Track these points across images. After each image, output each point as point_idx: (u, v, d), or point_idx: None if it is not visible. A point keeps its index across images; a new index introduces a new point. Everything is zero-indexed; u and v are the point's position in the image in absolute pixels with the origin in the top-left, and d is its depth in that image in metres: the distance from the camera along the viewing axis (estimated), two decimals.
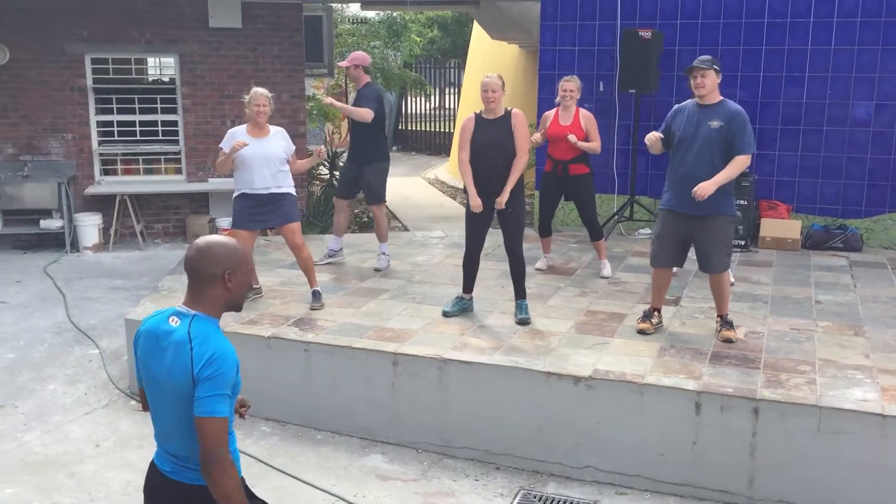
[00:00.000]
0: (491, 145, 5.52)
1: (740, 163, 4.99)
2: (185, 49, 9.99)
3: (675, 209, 5.20)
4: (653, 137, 5.29)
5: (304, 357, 5.28)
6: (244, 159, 5.90)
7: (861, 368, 4.78)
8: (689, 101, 5.27)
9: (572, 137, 6.67)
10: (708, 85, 5.02)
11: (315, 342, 5.27)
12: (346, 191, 7.54)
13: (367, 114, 6.95)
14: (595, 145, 6.80)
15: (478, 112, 5.70)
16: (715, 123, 5.01)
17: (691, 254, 5.37)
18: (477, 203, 5.54)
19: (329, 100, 8.02)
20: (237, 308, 2.64)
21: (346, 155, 8.42)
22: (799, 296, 6.30)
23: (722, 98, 5.14)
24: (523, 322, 5.60)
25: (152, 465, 2.70)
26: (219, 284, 2.54)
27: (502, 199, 5.50)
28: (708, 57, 5.11)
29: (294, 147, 6.16)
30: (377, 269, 7.14)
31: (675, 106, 5.35)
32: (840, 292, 6.42)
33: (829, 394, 4.39)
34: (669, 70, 8.29)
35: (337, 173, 11.13)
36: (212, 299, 2.55)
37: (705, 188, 4.92)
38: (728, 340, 5.20)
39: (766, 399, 4.34)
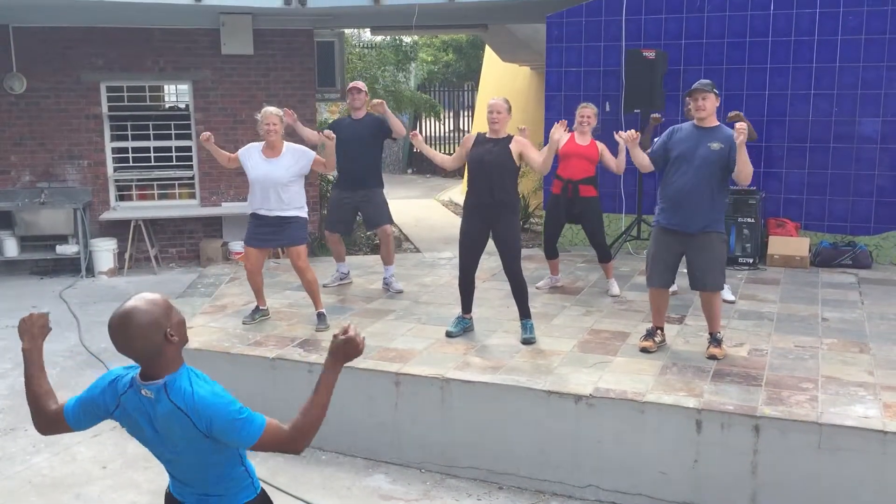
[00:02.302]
0: (487, 163, 5.61)
1: (750, 168, 5.07)
2: (199, 76, 10.17)
3: (668, 227, 5.25)
4: (632, 136, 5.30)
5: (307, 378, 5.32)
6: (253, 181, 6.05)
7: (864, 385, 4.75)
8: (685, 122, 5.37)
9: (621, 140, 6.72)
10: (709, 107, 5.13)
11: (319, 363, 5.32)
12: (343, 225, 7.43)
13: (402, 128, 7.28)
14: (618, 162, 6.93)
15: (481, 132, 5.82)
16: (715, 145, 5.08)
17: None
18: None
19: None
20: (184, 344, 2.49)
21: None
22: (805, 313, 6.28)
23: (719, 123, 5.24)
24: (527, 342, 5.63)
25: (170, 496, 2.65)
26: (165, 347, 2.37)
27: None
28: (708, 81, 5.25)
29: (311, 157, 6.05)
30: (399, 291, 7.14)
31: (672, 126, 5.42)
32: (847, 309, 6.39)
33: (830, 411, 4.37)
34: (674, 90, 8.33)
35: None
36: (167, 363, 2.39)
37: (744, 129, 4.88)
38: (713, 357, 5.21)
39: (767, 416, 4.33)
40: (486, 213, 5.67)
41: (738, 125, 4.97)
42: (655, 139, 5.59)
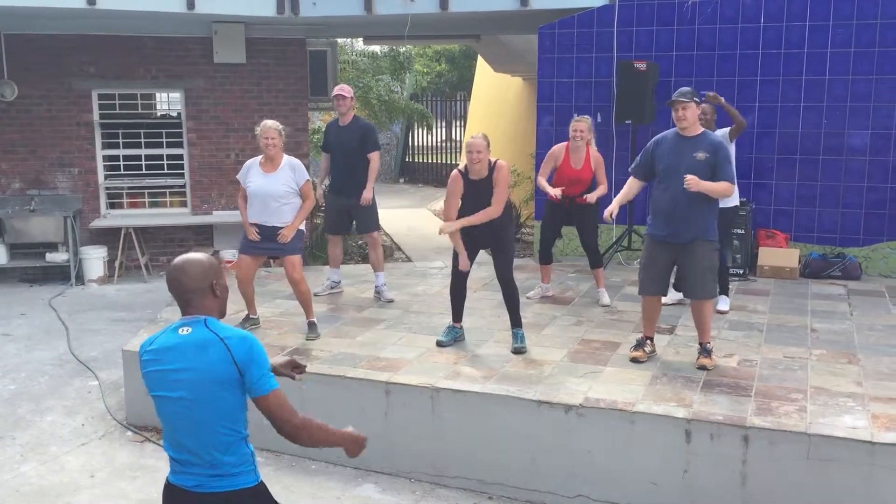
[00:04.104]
0: (480, 211, 5.61)
1: (726, 186, 5.13)
2: (191, 84, 10.16)
3: (659, 238, 5.26)
4: (616, 206, 5.52)
5: (296, 386, 5.30)
6: (251, 194, 6.11)
7: (853, 396, 4.77)
8: (668, 131, 5.36)
9: (590, 197, 6.83)
10: (689, 117, 5.13)
11: (309, 372, 5.29)
12: (339, 226, 7.51)
13: (378, 159, 7.34)
14: (602, 189, 6.96)
15: (463, 170, 5.72)
16: (700, 155, 5.10)
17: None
18: (465, 262, 5.72)
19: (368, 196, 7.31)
20: (223, 314, 2.83)
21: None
22: (794, 324, 6.30)
23: (703, 130, 5.25)
24: (518, 351, 5.63)
25: (170, 486, 2.76)
26: (208, 295, 2.74)
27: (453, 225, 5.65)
28: (688, 89, 5.22)
29: (306, 177, 6.16)
30: (389, 300, 7.15)
31: (656, 136, 5.44)
32: (836, 320, 6.42)
33: (819, 421, 4.39)
34: (665, 101, 8.36)
35: None
36: (206, 310, 2.74)
37: (696, 181, 4.99)
38: (703, 368, 5.22)
39: (756, 427, 4.35)
40: (484, 240, 5.77)
41: (688, 178, 5.00)
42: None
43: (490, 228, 5.67)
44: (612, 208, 5.53)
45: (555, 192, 6.82)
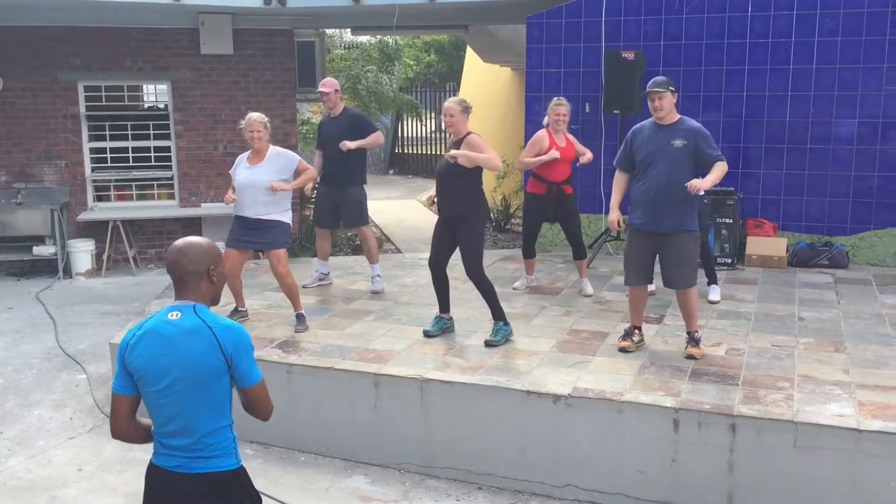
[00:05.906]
0: (439, 172, 5.69)
1: (723, 167, 5.11)
2: (178, 76, 10.10)
3: (640, 228, 5.27)
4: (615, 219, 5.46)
5: (286, 379, 5.31)
6: (237, 187, 6.11)
7: (839, 384, 4.79)
8: (646, 121, 5.36)
9: (585, 158, 7.13)
10: (665, 106, 5.14)
11: (298, 364, 5.31)
12: (328, 220, 7.46)
13: (379, 137, 7.32)
14: (590, 154, 7.24)
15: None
16: (678, 142, 5.10)
17: None
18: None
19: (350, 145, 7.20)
20: (216, 301, 2.86)
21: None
22: (782, 313, 6.33)
23: (680, 116, 5.24)
24: (489, 344, 5.55)
25: (153, 467, 2.80)
26: (204, 280, 2.78)
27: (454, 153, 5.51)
28: (663, 79, 5.22)
29: (296, 157, 6.14)
30: (375, 292, 7.14)
31: (634, 127, 5.42)
32: (823, 309, 6.45)
33: (805, 409, 4.41)
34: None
35: None
36: (200, 295, 2.78)
37: (698, 184, 4.99)
38: (691, 357, 5.24)
39: (744, 415, 4.36)
40: (448, 220, 5.71)
41: (690, 185, 5.00)
42: None
43: (455, 211, 5.63)
44: (616, 216, 5.43)
45: (551, 154, 6.79)
